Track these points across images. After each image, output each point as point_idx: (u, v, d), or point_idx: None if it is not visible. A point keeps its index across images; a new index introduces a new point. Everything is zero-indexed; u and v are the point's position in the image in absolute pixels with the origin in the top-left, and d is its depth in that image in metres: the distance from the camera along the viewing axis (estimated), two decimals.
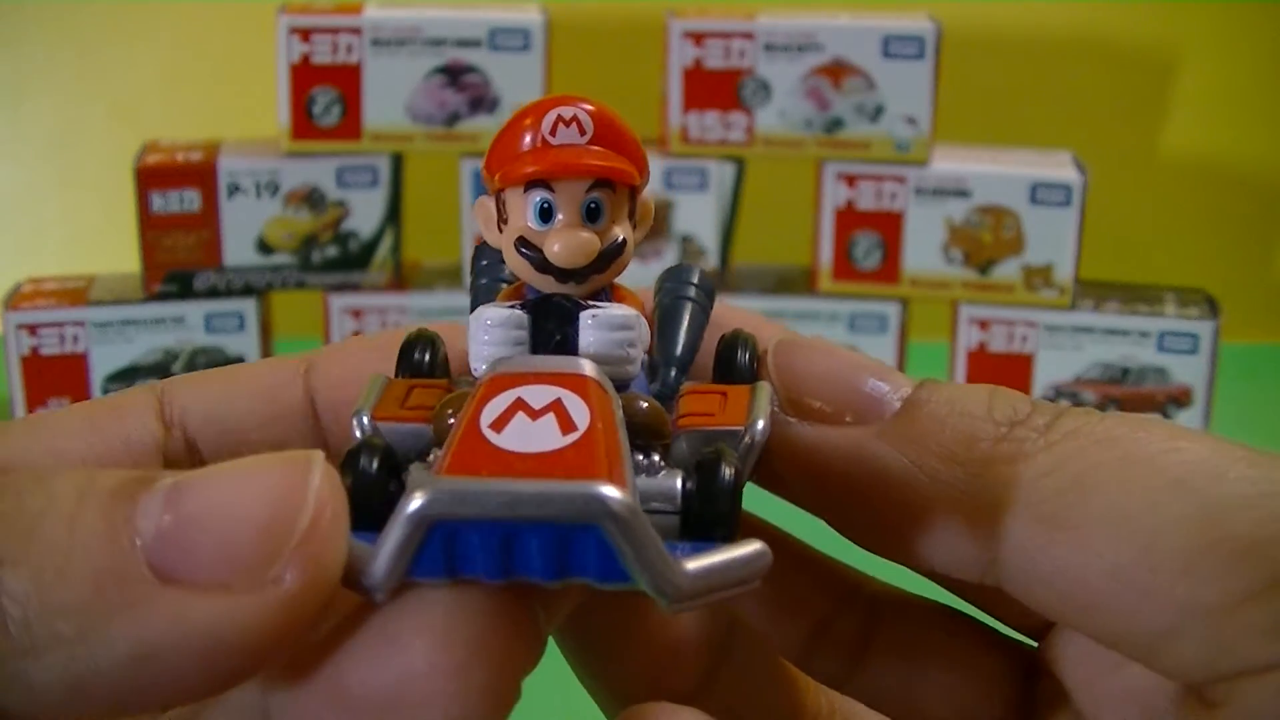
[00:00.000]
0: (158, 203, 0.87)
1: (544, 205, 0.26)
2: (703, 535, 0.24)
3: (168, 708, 0.22)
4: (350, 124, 0.89)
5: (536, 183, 0.26)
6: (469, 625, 0.22)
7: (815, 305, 0.93)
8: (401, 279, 0.93)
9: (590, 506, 0.22)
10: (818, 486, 0.28)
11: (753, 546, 0.23)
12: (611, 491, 0.22)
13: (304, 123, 0.89)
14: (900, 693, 0.31)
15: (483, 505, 0.22)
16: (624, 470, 0.23)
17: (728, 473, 0.24)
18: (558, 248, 0.26)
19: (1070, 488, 0.25)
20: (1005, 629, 0.31)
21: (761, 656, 0.31)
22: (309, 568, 0.21)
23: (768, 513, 0.29)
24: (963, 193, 0.90)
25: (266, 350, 0.91)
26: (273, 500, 0.21)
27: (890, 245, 0.91)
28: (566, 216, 0.26)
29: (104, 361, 0.88)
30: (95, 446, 0.28)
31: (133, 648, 0.20)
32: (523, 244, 0.27)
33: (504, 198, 0.27)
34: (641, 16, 0.98)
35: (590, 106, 0.27)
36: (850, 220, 0.91)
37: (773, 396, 0.27)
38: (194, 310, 0.89)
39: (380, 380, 0.27)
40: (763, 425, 0.26)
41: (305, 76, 0.88)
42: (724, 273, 0.94)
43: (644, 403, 0.26)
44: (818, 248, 0.92)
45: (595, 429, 0.23)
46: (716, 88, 0.90)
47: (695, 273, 0.30)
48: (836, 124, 0.90)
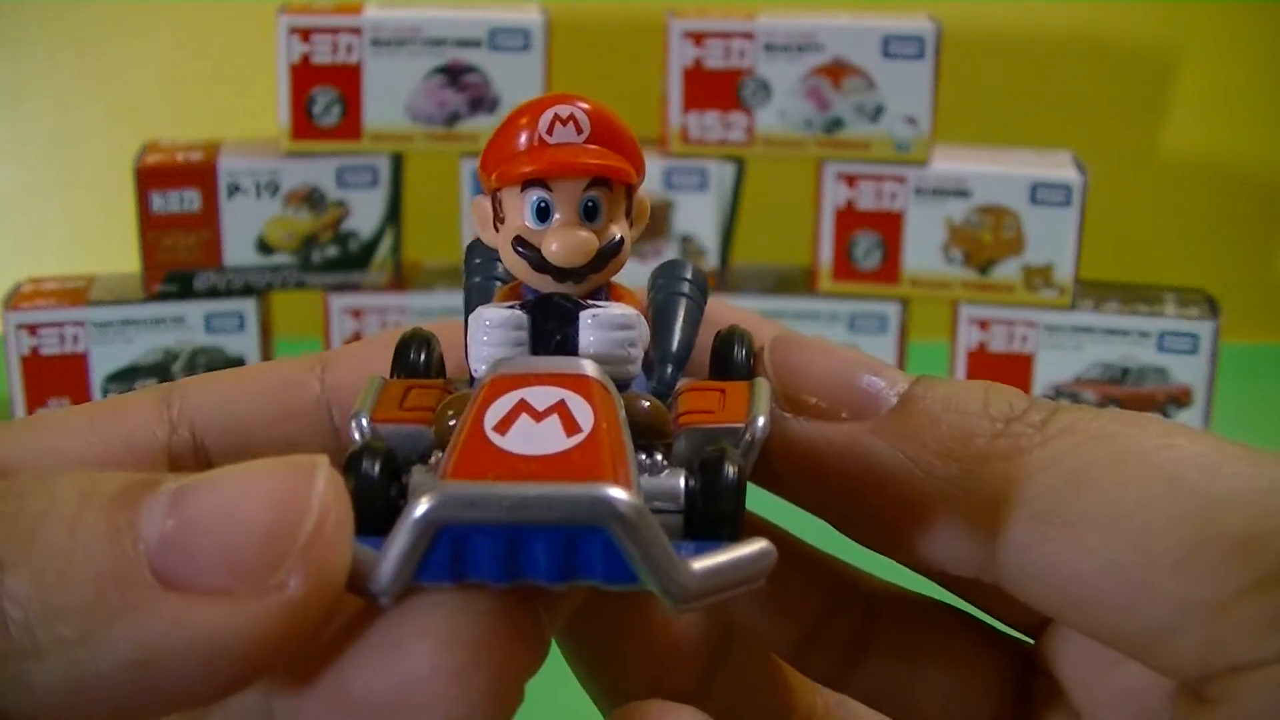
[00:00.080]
0: (158, 203, 0.87)
1: (541, 204, 0.26)
2: (707, 534, 0.24)
3: (170, 712, 0.21)
4: (350, 124, 0.89)
5: (533, 182, 0.26)
6: (471, 628, 0.22)
7: (815, 305, 0.93)
8: (401, 279, 0.93)
9: (597, 509, 0.22)
10: (814, 483, 0.28)
11: (758, 545, 0.23)
12: (618, 493, 0.22)
13: (304, 123, 0.89)
14: (897, 690, 0.31)
15: (490, 509, 0.22)
16: (629, 471, 0.23)
17: (731, 471, 0.23)
18: (556, 247, 0.26)
19: (1065, 484, 0.25)
20: (1002, 626, 0.31)
21: (758, 657, 0.31)
22: (313, 574, 0.21)
23: (764, 509, 0.29)
24: (963, 193, 0.90)
25: (266, 350, 0.91)
26: (276, 505, 0.21)
27: (890, 245, 0.91)
28: (564, 215, 0.26)
29: (104, 361, 0.88)
30: (95, 446, 0.28)
31: (134, 652, 0.20)
32: (520, 243, 0.26)
33: (500, 197, 0.27)
34: (641, 16, 0.98)
35: (587, 105, 0.26)
36: (850, 220, 0.91)
37: (771, 393, 0.27)
38: (194, 310, 0.89)
39: (377, 381, 0.27)
40: (763, 422, 0.26)
41: (305, 76, 0.88)
42: (724, 273, 0.94)
43: (645, 402, 0.26)
44: (818, 248, 0.92)
45: (600, 430, 0.23)
46: (716, 88, 0.90)
47: (688, 268, 0.30)
48: (836, 124, 0.90)
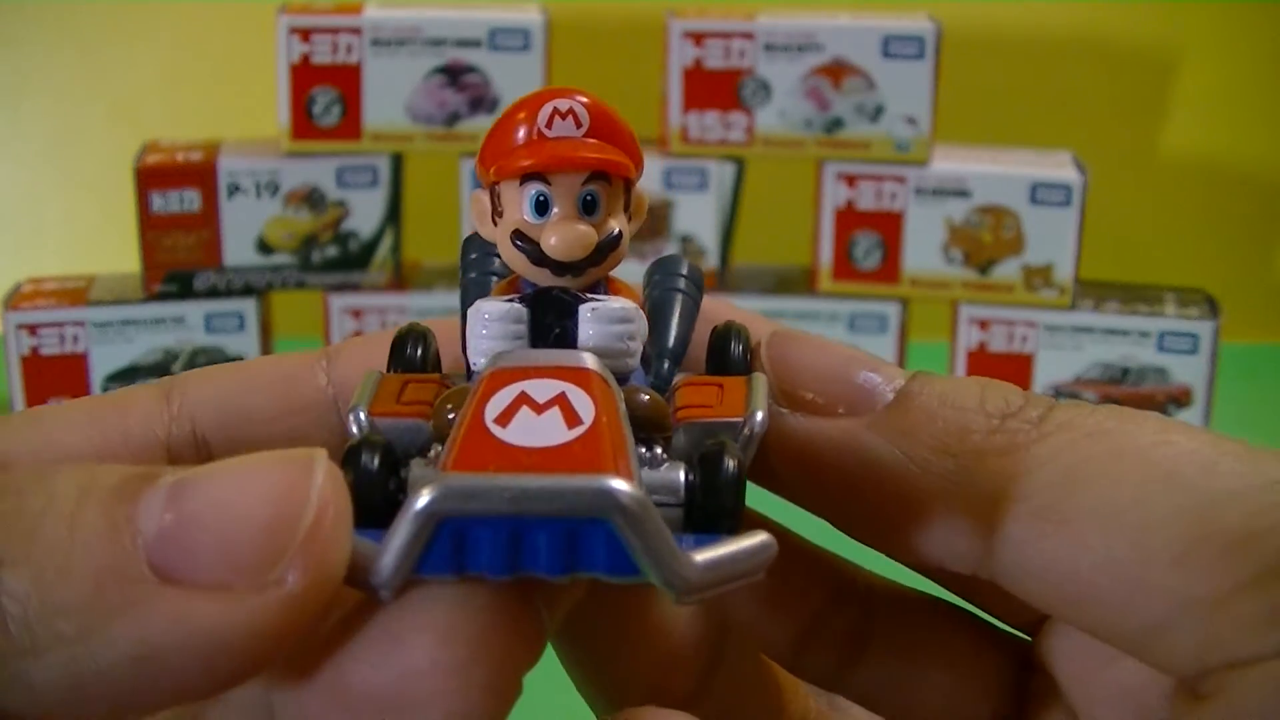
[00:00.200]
0: (158, 203, 0.87)
1: (540, 198, 0.26)
2: (707, 527, 0.24)
3: (169, 707, 0.21)
4: (350, 124, 0.89)
5: (532, 176, 0.26)
6: (470, 622, 0.22)
7: (815, 305, 0.93)
8: (401, 279, 0.93)
9: (601, 500, 0.22)
10: (810, 478, 0.28)
11: (759, 538, 0.23)
12: (621, 485, 0.22)
13: (304, 123, 0.89)
14: (894, 688, 0.31)
15: (492, 501, 0.22)
16: (631, 464, 0.23)
17: (731, 465, 0.24)
18: (555, 240, 0.26)
19: (1062, 480, 0.25)
20: (1001, 624, 0.31)
21: (753, 660, 0.31)
22: (312, 568, 0.21)
23: (761, 505, 0.28)
24: (963, 193, 0.90)
25: (266, 350, 0.91)
26: (275, 499, 0.21)
27: (890, 245, 0.91)
28: (563, 209, 0.26)
29: (104, 361, 0.88)
30: (94, 440, 0.28)
31: (133, 648, 0.20)
32: (519, 237, 0.26)
33: (499, 191, 0.27)
34: (641, 16, 0.98)
35: (586, 99, 0.26)
36: (850, 220, 0.91)
37: (769, 388, 0.27)
38: (194, 310, 0.89)
39: (374, 376, 0.27)
40: (762, 416, 0.26)
41: (305, 76, 0.88)
42: (724, 273, 0.94)
43: (645, 395, 0.26)
44: (818, 248, 0.92)
45: (601, 422, 0.23)
46: (716, 88, 0.90)
47: (684, 264, 0.30)
48: (836, 124, 0.90)
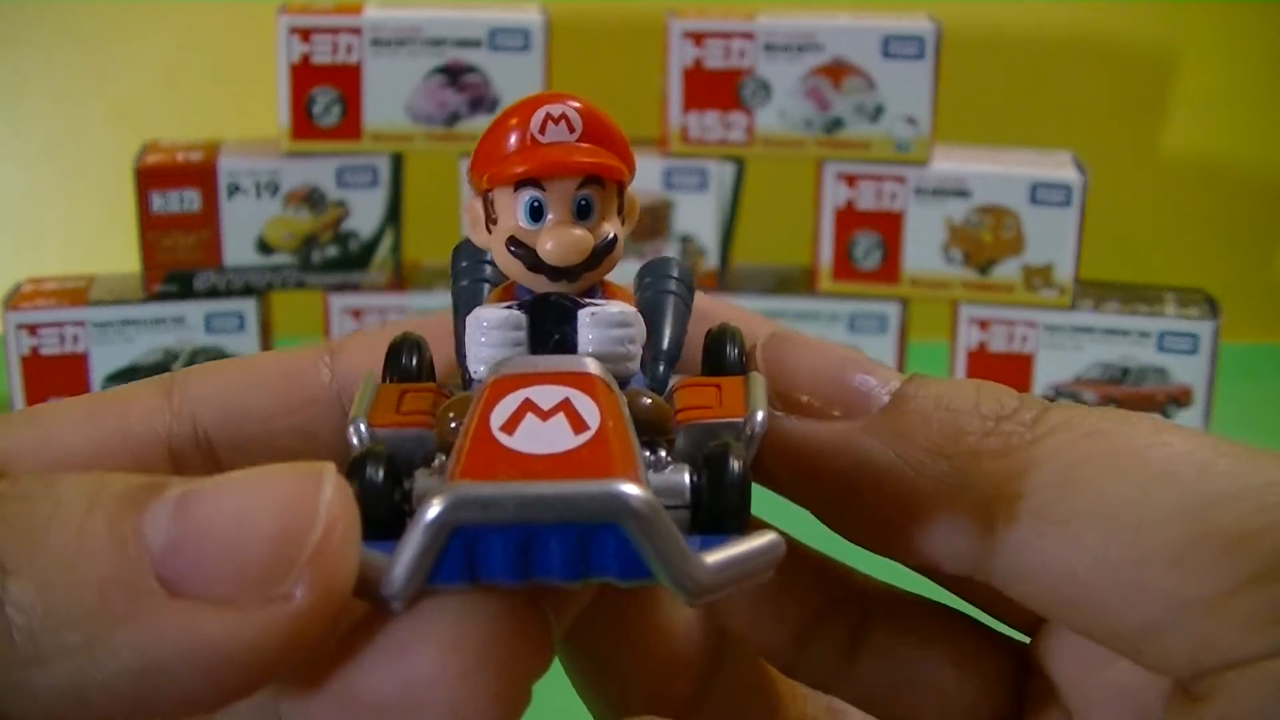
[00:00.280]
0: (158, 203, 0.87)
1: (535, 204, 0.26)
2: (714, 529, 0.24)
3: (174, 719, 0.21)
4: (350, 124, 0.89)
5: (526, 181, 0.26)
6: (478, 631, 0.22)
7: (815, 305, 0.93)
8: (401, 279, 0.93)
9: (612, 505, 0.22)
10: (806, 481, 0.28)
11: (767, 537, 0.23)
12: (632, 489, 0.22)
13: (304, 123, 0.89)
14: (892, 690, 0.31)
15: (503, 509, 0.22)
16: (638, 467, 0.23)
17: (736, 465, 0.24)
18: (551, 246, 0.26)
19: (1058, 482, 0.25)
20: (1000, 626, 0.31)
21: (752, 666, 0.31)
22: (319, 583, 0.21)
23: (757, 508, 0.29)
24: (963, 193, 0.90)
25: (267, 350, 0.91)
26: (283, 513, 0.21)
27: (890, 245, 0.91)
28: (558, 215, 0.26)
29: (104, 361, 0.88)
30: (93, 438, 0.27)
31: (138, 660, 0.20)
32: (514, 243, 0.26)
33: (492, 198, 0.27)
34: (641, 16, 0.98)
35: (578, 104, 0.26)
36: (850, 220, 0.91)
37: (766, 388, 0.27)
38: (194, 310, 0.89)
39: (371, 386, 0.27)
40: (762, 416, 0.26)
41: (305, 76, 0.88)
42: (724, 273, 0.94)
43: (647, 399, 0.26)
44: (818, 248, 0.92)
45: (607, 427, 0.23)
46: (716, 88, 0.90)
47: (674, 266, 0.30)
48: (836, 124, 0.90)
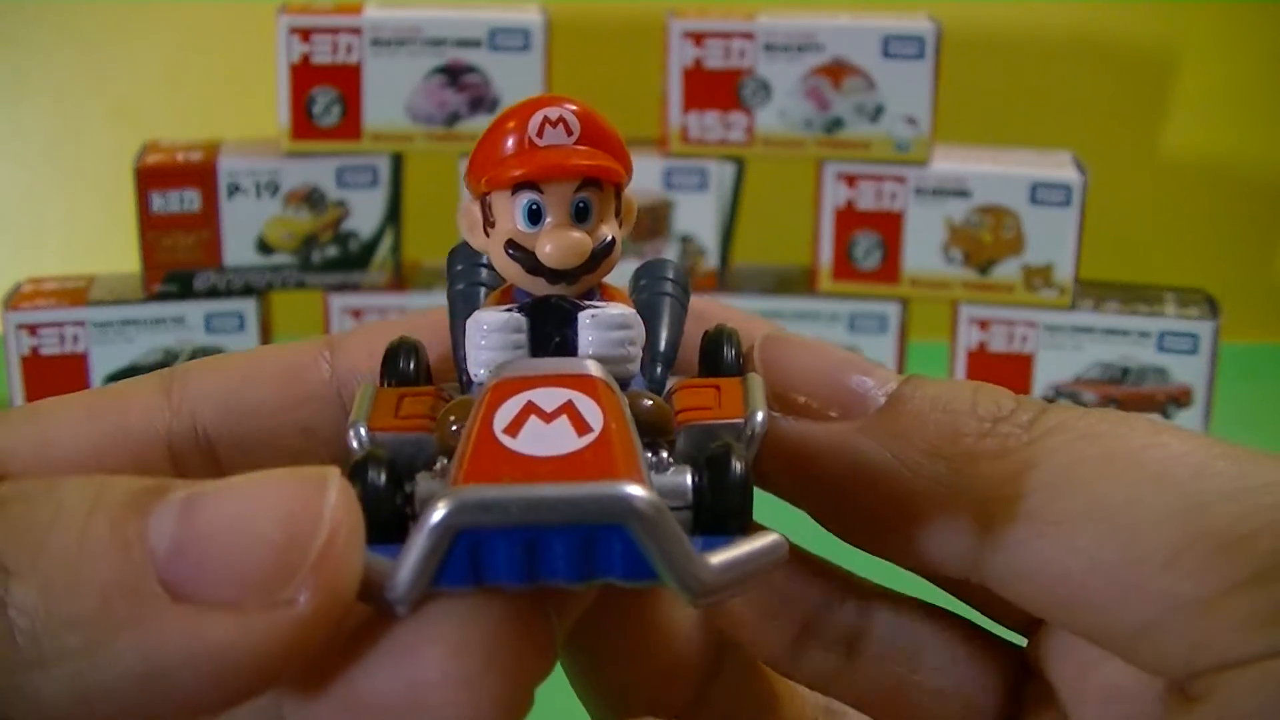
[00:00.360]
0: (158, 203, 0.87)
1: (533, 207, 0.26)
2: (717, 529, 0.24)
3: None
4: (350, 124, 0.89)
5: (524, 184, 0.26)
6: (482, 634, 0.22)
7: (815, 305, 0.93)
8: (401, 279, 0.93)
9: (617, 506, 0.22)
10: (803, 482, 0.28)
11: (770, 537, 0.23)
12: (637, 490, 0.22)
13: (304, 123, 0.89)
14: (888, 691, 0.31)
15: (508, 511, 0.22)
16: (642, 469, 0.23)
17: (738, 466, 0.24)
18: (550, 249, 0.26)
19: (1054, 483, 0.25)
20: (995, 627, 0.31)
21: (751, 669, 0.31)
22: (323, 588, 0.21)
23: (755, 509, 0.29)
24: (963, 193, 0.90)
25: None
26: (287, 518, 0.21)
27: (890, 245, 0.91)
28: (556, 217, 0.26)
29: (104, 361, 0.88)
30: (93, 436, 0.27)
31: (141, 664, 0.20)
32: (512, 246, 0.26)
33: (490, 201, 0.27)
34: (641, 16, 0.98)
35: (575, 106, 0.26)
36: (850, 220, 0.91)
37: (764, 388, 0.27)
38: (194, 310, 0.89)
39: (369, 390, 0.27)
40: (762, 416, 0.26)
41: (305, 76, 0.88)
42: (724, 273, 0.94)
43: (648, 400, 0.26)
44: (817, 248, 0.92)
45: (609, 429, 0.23)
46: (716, 88, 0.90)
47: (669, 267, 0.30)
48: (836, 124, 0.90)
